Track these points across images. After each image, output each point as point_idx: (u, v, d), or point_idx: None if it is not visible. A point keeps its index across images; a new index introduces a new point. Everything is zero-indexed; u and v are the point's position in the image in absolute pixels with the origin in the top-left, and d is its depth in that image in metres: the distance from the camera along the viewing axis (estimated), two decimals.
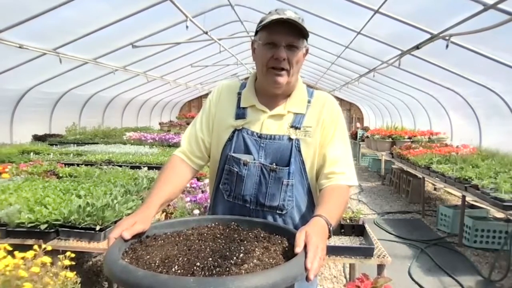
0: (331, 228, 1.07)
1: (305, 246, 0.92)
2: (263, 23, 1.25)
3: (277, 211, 1.32)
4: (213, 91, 1.49)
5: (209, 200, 2.51)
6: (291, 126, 1.33)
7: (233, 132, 1.35)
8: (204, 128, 1.43)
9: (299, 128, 1.33)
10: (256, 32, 1.32)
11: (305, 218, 1.35)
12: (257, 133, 1.34)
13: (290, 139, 1.32)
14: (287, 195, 1.32)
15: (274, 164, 1.31)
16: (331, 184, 1.27)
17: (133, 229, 1.05)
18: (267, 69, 1.29)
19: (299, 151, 1.32)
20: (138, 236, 1.09)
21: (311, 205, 1.37)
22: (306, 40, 1.30)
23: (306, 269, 0.87)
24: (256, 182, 1.32)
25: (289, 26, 1.22)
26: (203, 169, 4.19)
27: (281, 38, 1.24)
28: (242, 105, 1.39)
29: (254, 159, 1.32)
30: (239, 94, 1.42)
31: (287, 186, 1.31)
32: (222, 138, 1.37)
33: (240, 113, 1.38)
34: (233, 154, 1.34)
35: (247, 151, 1.33)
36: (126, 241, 1.04)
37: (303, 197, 1.35)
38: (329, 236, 1.06)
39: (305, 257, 0.89)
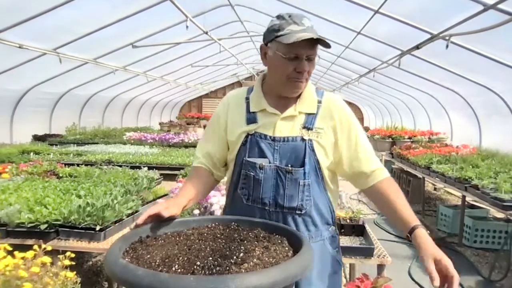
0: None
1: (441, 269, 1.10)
2: (285, 35, 1.24)
3: (296, 212, 1.34)
4: (220, 104, 1.50)
5: (209, 200, 2.51)
6: (304, 127, 1.35)
7: (246, 137, 1.37)
8: (215, 143, 1.46)
9: (311, 129, 1.35)
10: (269, 38, 1.31)
11: (323, 215, 1.39)
12: (270, 136, 1.35)
13: (303, 139, 1.33)
14: (305, 195, 1.33)
15: (289, 165, 1.33)
16: (381, 181, 1.35)
17: (169, 210, 1.17)
18: (287, 79, 1.31)
19: (313, 150, 1.33)
20: (155, 229, 1.15)
21: (328, 202, 1.41)
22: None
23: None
24: (273, 185, 1.33)
25: (311, 39, 1.23)
26: None
27: (304, 52, 1.26)
28: (252, 110, 1.40)
29: (270, 162, 1.34)
30: (247, 99, 1.43)
31: (304, 186, 1.33)
32: (236, 145, 1.39)
33: (251, 118, 1.39)
34: (248, 159, 1.35)
35: (262, 155, 1.35)
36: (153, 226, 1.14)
37: (319, 195, 1.37)
38: None
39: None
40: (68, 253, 1.66)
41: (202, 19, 6.63)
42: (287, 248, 1.07)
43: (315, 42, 1.26)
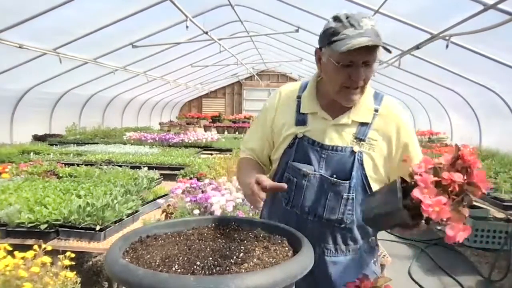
0: None
1: None
2: (339, 42, 1.13)
3: (336, 224, 1.29)
4: (271, 97, 1.43)
5: (209, 200, 2.51)
6: (355, 138, 1.26)
7: (294, 139, 1.31)
8: (259, 140, 1.41)
9: (364, 140, 1.26)
10: (323, 44, 1.21)
11: (365, 230, 1.33)
12: (318, 143, 1.28)
13: (353, 151, 1.25)
14: (347, 209, 1.27)
15: (334, 176, 1.26)
16: None
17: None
18: (340, 88, 1.21)
19: (362, 164, 1.26)
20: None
21: None
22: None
23: None
24: (316, 194, 1.29)
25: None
26: (203, 169, 4.12)
27: (360, 58, 1.15)
28: (302, 111, 1.32)
29: (315, 170, 1.28)
30: (299, 98, 1.35)
31: (347, 200, 1.26)
32: (282, 145, 1.34)
33: (301, 119, 1.32)
34: (294, 164, 1.30)
35: (308, 161, 1.29)
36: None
37: None
38: None
39: None
40: (68, 253, 1.66)
41: (202, 19, 6.63)
42: (287, 248, 1.07)
43: (374, 46, 1.13)
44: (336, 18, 1.18)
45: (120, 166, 4.36)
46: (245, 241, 1.08)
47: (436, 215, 0.79)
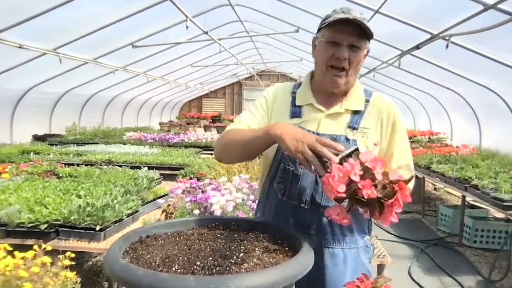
0: None
1: None
2: (327, 21, 1.26)
3: None
4: (267, 90, 1.47)
5: (209, 200, 2.51)
6: (349, 127, 1.32)
7: None
8: (258, 118, 1.40)
9: (357, 129, 1.31)
10: (319, 29, 1.33)
11: (360, 222, 1.33)
12: (313, 132, 1.29)
13: (347, 139, 1.29)
14: None
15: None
16: None
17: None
18: (326, 67, 1.29)
19: None
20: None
21: None
22: (369, 40, 1.30)
23: None
24: (312, 182, 1.29)
25: (353, 26, 1.22)
26: (203, 169, 4.10)
27: (344, 38, 1.25)
28: (297, 103, 1.38)
29: None
30: (294, 93, 1.41)
31: None
32: None
33: (296, 112, 1.37)
34: None
35: None
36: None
37: None
38: None
39: None
40: (68, 253, 1.66)
41: (202, 19, 6.63)
42: (287, 248, 1.07)
43: (358, 30, 1.23)
44: (333, 10, 1.31)
45: (120, 166, 4.36)
46: (245, 241, 1.08)
47: (326, 189, 0.92)
